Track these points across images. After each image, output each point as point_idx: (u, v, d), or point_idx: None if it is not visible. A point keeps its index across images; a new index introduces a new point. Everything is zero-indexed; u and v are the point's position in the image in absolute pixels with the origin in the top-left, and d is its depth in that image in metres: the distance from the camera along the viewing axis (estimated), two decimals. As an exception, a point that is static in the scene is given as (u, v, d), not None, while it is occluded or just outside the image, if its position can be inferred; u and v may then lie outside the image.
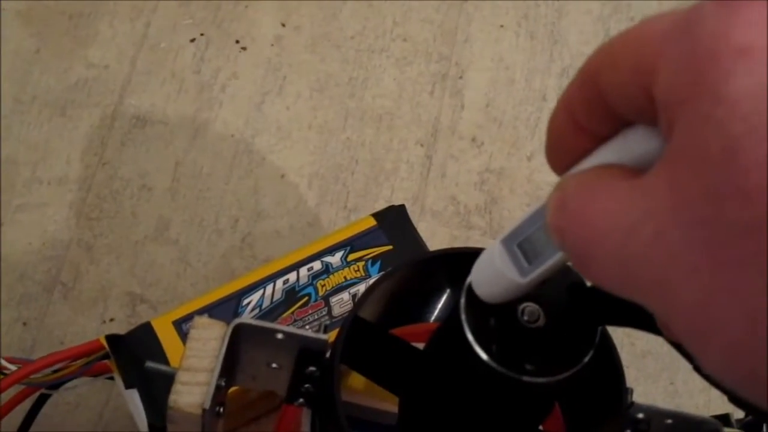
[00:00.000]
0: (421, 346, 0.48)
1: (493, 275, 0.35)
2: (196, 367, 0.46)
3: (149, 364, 0.50)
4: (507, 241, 0.34)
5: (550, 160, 0.31)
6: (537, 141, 1.00)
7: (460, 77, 1.03)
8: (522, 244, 0.33)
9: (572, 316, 0.39)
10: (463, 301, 0.38)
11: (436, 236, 0.93)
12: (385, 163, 0.97)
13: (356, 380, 0.57)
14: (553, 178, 0.31)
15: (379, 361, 0.51)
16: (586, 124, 0.29)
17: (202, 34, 1.02)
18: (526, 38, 1.07)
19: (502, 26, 1.07)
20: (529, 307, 0.38)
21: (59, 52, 0.99)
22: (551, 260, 0.32)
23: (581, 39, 1.07)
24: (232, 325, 0.47)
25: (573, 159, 0.30)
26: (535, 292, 0.38)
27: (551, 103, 1.02)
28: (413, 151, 0.98)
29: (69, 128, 0.95)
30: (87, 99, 0.97)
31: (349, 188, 0.95)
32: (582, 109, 0.29)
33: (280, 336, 0.48)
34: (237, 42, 1.02)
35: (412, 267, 0.54)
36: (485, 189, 0.96)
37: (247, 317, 0.54)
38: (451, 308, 0.40)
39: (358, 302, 0.50)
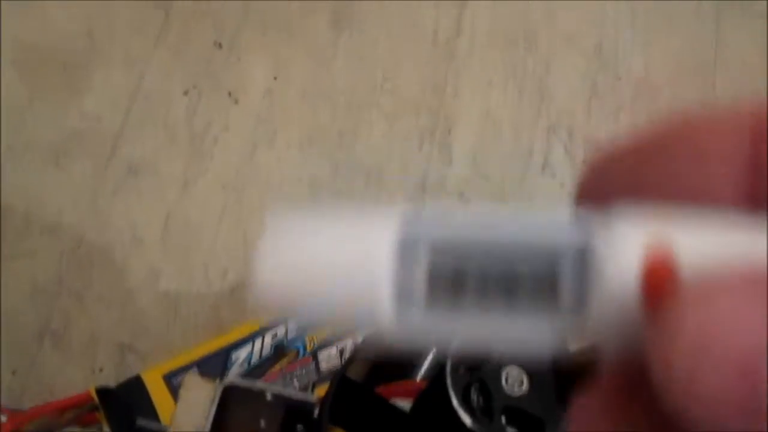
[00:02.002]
0: (407, 403, 0.49)
1: None
2: (186, 427, 0.47)
3: (140, 421, 0.51)
4: None
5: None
6: (523, 197, 1.01)
7: (449, 132, 1.05)
8: None
9: (555, 380, 0.40)
10: (449, 366, 0.39)
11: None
12: (373, 217, 0.98)
13: (343, 438, 0.58)
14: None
15: (365, 421, 0.52)
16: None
17: (194, 86, 1.03)
18: (514, 94, 1.09)
19: (490, 82, 1.09)
20: (513, 371, 0.39)
21: (53, 102, 1.01)
22: None
23: (568, 94, 1.09)
24: (221, 387, 0.48)
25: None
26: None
27: (538, 159, 1.03)
28: (401, 206, 0.99)
29: (62, 178, 0.96)
30: (80, 148, 0.98)
31: (338, 241, 0.96)
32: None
33: (268, 397, 0.49)
34: (229, 94, 1.04)
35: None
36: (472, 243, 0.97)
37: (236, 377, 0.55)
38: (437, 371, 0.41)
39: (347, 362, 0.51)
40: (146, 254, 0.93)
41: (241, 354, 0.71)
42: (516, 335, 0.20)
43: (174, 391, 0.66)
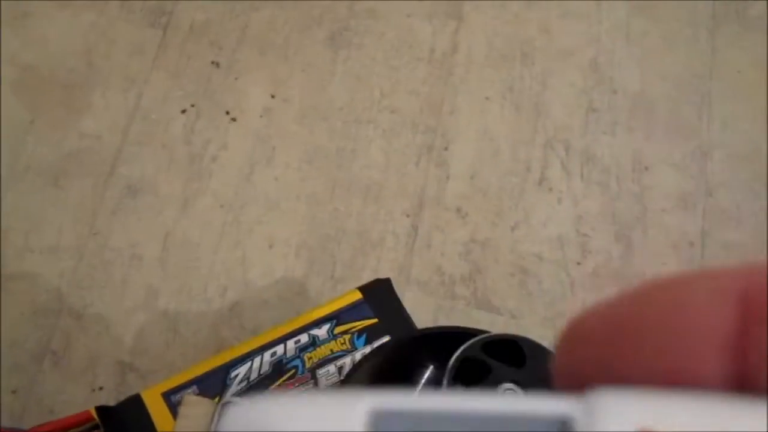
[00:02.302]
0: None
1: None
2: (185, 445, 0.47)
3: (140, 440, 0.51)
4: None
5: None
6: (521, 211, 1.01)
7: (446, 148, 1.05)
8: None
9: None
10: (445, 382, 0.39)
11: (421, 306, 0.94)
12: (371, 234, 0.98)
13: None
14: (537, 248, 0.29)
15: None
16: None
17: (192, 106, 1.04)
18: (511, 110, 1.09)
19: (487, 98, 1.09)
20: (510, 389, 0.39)
21: (53, 122, 1.01)
22: None
23: (564, 111, 1.09)
24: (220, 406, 0.48)
25: None
26: (518, 374, 0.39)
27: (535, 174, 1.03)
28: (399, 222, 0.99)
29: (61, 198, 0.96)
30: (79, 169, 0.98)
31: (336, 258, 0.97)
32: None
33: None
34: (227, 113, 1.04)
35: (396, 347, 0.55)
36: (470, 259, 0.98)
37: (237, 397, 0.55)
38: (433, 387, 0.41)
39: (344, 382, 0.51)
40: (145, 273, 0.93)
41: (240, 372, 0.71)
42: None
43: (173, 410, 0.66)
